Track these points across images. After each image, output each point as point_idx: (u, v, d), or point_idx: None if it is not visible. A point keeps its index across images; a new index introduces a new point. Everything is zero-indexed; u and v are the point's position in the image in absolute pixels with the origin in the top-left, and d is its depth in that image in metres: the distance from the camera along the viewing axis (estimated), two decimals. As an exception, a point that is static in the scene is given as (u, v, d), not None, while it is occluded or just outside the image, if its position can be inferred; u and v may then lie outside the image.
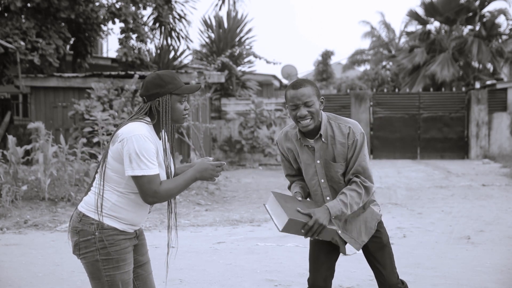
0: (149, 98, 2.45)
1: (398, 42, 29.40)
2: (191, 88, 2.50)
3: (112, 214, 2.44)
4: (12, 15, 12.92)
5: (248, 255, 5.46)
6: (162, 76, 2.45)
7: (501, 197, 9.13)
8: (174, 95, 2.46)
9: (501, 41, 23.36)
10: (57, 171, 8.36)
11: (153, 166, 2.36)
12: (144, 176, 2.35)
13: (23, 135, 13.16)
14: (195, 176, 2.46)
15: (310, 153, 2.83)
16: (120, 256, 2.44)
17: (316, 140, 2.81)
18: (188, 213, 7.90)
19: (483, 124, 16.42)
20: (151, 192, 2.37)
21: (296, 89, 2.74)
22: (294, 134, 2.88)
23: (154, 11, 15.83)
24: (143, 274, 2.64)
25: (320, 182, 2.83)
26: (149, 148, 2.36)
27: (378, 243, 2.90)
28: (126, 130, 2.39)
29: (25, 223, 6.93)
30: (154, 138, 2.45)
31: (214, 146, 15.30)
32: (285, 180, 12.54)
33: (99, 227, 2.41)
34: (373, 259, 2.92)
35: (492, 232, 6.47)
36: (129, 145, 2.35)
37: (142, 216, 2.54)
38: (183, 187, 2.45)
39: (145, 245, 2.67)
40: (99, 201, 2.42)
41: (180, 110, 2.49)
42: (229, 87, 15.98)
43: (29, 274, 4.80)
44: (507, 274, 4.74)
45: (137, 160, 2.34)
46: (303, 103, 2.71)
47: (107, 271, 2.42)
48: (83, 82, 12.51)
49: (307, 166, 2.86)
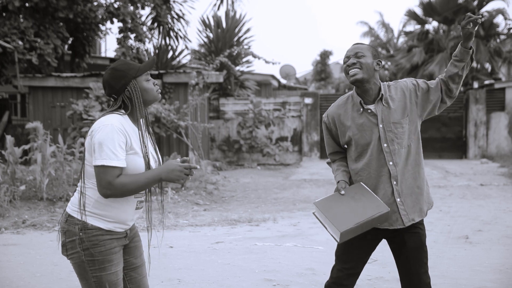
0: (118, 93, 2.44)
1: (397, 42, 29.43)
2: (149, 63, 2.48)
3: (96, 212, 2.39)
4: (10, 15, 12.91)
5: (246, 255, 5.46)
6: (119, 67, 2.44)
7: (499, 197, 9.14)
8: (139, 78, 2.45)
9: (499, 41, 23.39)
10: (55, 171, 8.35)
11: (114, 157, 2.30)
12: (102, 166, 2.29)
13: (21, 135, 13.14)
14: (160, 176, 2.35)
15: (370, 118, 2.82)
16: (105, 257, 2.39)
17: (377, 104, 2.82)
18: (186, 213, 7.90)
19: (481, 124, 16.43)
20: (105, 182, 2.29)
21: (353, 45, 2.86)
22: (350, 103, 2.88)
23: (152, 10, 15.83)
24: (137, 277, 2.58)
25: (383, 147, 2.79)
26: (114, 138, 2.31)
27: (418, 241, 2.82)
28: (97, 123, 2.38)
29: (23, 223, 6.92)
30: (129, 128, 2.41)
31: (212, 146, 15.30)
32: (283, 180, 12.54)
33: (83, 227, 2.38)
34: (407, 258, 2.80)
35: (490, 231, 6.48)
36: (95, 136, 2.33)
37: (128, 212, 2.46)
38: (143, 185, 2.35)
39: (139, 247, 2.61)
40: (82, 200, 2.39)
41: (151, 88, 2.48)
42: (227, 87, 15.97)
43: (27, 274, 4.79)
44: (505, 273, 4.75)
45: (99, 150, 2.30)
46: (354, 54, 2.80)
47: (93, 272, 2.38)
48: (81, 82, 12.50)
49: (363, 134, 2.82)
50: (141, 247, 2.63)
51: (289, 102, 15.65)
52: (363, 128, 2.82)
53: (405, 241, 2.81)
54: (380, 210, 2.68)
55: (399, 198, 2.79)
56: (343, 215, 2.68)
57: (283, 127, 15.52)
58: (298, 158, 15.56)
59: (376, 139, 2.80)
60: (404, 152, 2.81)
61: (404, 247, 2.81)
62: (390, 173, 2.79)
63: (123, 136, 2.35)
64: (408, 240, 2.81)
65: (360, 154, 2.84)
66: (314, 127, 15.99)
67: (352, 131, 2.84)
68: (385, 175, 2.80)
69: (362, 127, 2.82)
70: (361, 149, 2.83)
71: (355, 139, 2.84)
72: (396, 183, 2.79)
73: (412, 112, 2.84)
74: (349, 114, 2.86)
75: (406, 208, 2.80)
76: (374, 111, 2.81)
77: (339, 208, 2.71)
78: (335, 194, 2.81)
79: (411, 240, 2.81)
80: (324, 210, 2.72)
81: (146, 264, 2.65)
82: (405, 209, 2.79)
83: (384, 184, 2.80)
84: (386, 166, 2.79)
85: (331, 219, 2.67)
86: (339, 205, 2.73)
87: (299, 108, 15.65)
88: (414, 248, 2.81)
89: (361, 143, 2.83)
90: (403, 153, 2.80)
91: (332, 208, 2.72)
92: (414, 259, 2.80)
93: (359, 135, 2.83)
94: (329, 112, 2.95)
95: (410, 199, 2.81)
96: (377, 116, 2.81)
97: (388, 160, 2.79)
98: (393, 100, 2.83)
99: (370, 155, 2.81)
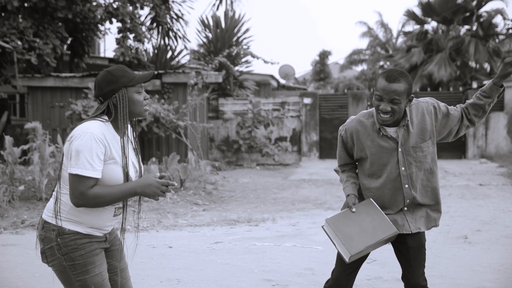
0: (105, 97, 2.37)
1: (396, 42, 29.45)
2: (145, 76, 2.41)
3: (72, 218, 2.35)
4: (9, 15, 12.90)
5: (245, 255, 5.46)
6: (113, 72, 2.37)
7: (498, 197, 9.15)
8: (130, 87, 2.38)
9: (498, 41, 23.41)
10: (54, 171, 8.35)
11: (89, 167, 2.24)
12: (76, 175, 2.24)
13: (20, 135, 13.13)
14: (135, 190, 2.30)
15: (389, 142, 2.79)
16: (86, 260, 2.34)
17: (399, 129, 2.78)
18: (185, 213, 7.90)
19: (480, 124, 16.44)
20: (78, 192, 2.24)
21: (389, 82, 2.66)
22: (371, 123, 2.83)
23: (151, 11, 15.82)
24: (121, 281, 2.54)
25: (401, 171, 2.78)
26: (91, 147, 2.26)
27: (418, 241, 2.86)
28: (77, 129, 2.32)
29: (22, 223, 6.91)
30: (110, 137, 2.35)
31: (211, 146, 15.30)
32: (283, 180, 12.51)
33: (60, 233, 2.33)
34: (408, 256, 2.85)
35: (489, 231, 6.48)
36: (73, 143, 2.28)
37: (105, 219, 2.41)
38: (119, 197, 2.30)
39: (120, 251, 2.57)
40: (56, 206, 2.34)
41: (139, 101, 2.40)
42: (226, 87, 15.97)
43: (26, 274, 4.79)
44: (504, 273, 4.75)
45: (75, 158, 2.25)
46: (389, 99, 2.67)
47: (76, 276, 2.34)
48: (80, 82, 12.49)
49: (381, 156, 2.80)
50: (123, 250, 2.59)
51: (288, 102, 15.65)
52: (382, 150, 2.80)
53: (407, 241, 2.85)
54: (389, 232, 2.74)
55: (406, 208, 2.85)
56: (353, 236, 2.73)
57: (282, 127, 15.52)
58: (297, 158, 15.56)
59: (395, 162, 2.79)
60: (422, 175, 2.82)
61: (406, 246, 2.86)
62: (404, 195, 2.82)
63: (102, 146, 2.29)
64: (410, 240, 2.85)
65: (375, 173, 2.84)
66: (313, 127, 15.99)
67: (370, 151, 2.82)
68: (399, 196, 2.82)
69: (381, 149, 2.80)
70: (377, 168, 2.83)
71: (371, 159, 2.83)
72: (409, 201, 2.83)
73: (433, 135, 2.83)
74: (369, 133, 2.83)
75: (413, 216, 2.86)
76: (394, 136, 2.79)
77: (350, 228, 2.75)
78: (346, 212, 2.82)
79: (412, 240, 2.85)
80: (335, 229, 2.76)
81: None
82: (412, 217, 2.85)
83: (398, 203, 2.84)
84: (401, 189, 2.81)
85: (343, 240, 2.73)
86: (350, 225, 2.77)
87: (298, 108, 15.65)
88: (416, 248, 2.85)
89: (377, 163, 2.82)
90: (421, 176, 2.81)
91: (343, 227, 2.76)
92: (414, 259, 2.85)
93: (376, 155, 2.81)
94: (348, 126, 2.89)
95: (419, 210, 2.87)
96: (397, 140, 2.78)
97: (404, 183, 2.80)
98: (413, 123, 2.80)
99: (386, 176, 2.81)
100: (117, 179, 2.35)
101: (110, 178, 2.33)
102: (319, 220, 7.29)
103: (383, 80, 2.67)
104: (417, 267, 2.85)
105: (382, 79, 2.69)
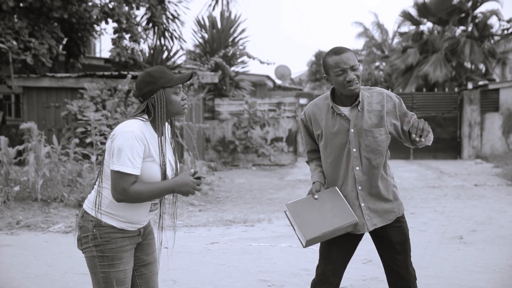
0: (144, 97, 2.47)
1: (391, 43, 29.51)
2: (183, 77, 2.48)
3: (110, 212, 2.45)
4: (4, 15, 12.85)
5: (241, 256, 5.46)
6: (152, 73, 2.46)
7: (493, 197, 9.18)
8: (168, 88, 2.46)
9: (493, 41, 23.49)
10: (49, 172, 8.32)
11: (130, 164, 2.35)
12: (118, 171, 2.35)
13: (16, 136, 13.08)
14: (173, 188, 2.44)
15: (342, 122, 2.81)
16: (115, 254, 2.45)
17: (352, 109, 2.80)
18: (181, 213, 7.89)
19: (476, 124, 16.50)
20: (120, 188, 2.35)
21: (339, 54, 2.72)
22: (326, 104, 2.87)
23: (147, 11, 15.79)
24: (147, 273, 2.63)
25: (352, 152, 2.80)
26: (133, 145, 2.36)
27: (401, 235, 2.86)
28: (119, 127, 2.42)
29: (18, 224, 6.89)
30: (149, 136, 2.44)
31: (207, 147, 15.29)
32: (278, 181, 12.52)
33: (97, 224, 2.44)
34: (393, 251, 2.84)
35: (484, 232, 6.50)
36: (116, 141, 2.38)
37: (141, 214, 2.52)
38: (157, 194, 2.43)
39: (152, 245, 2.67)
40: (97, 199, 2.45)
41: (177, 101, 2.48)
42: (222, 87, 15.97)
43: (21, 275, 4.77)
44: (499, 273, 4.77)
45: (117, 155, 2.35)
46: (350, 67, 2.71)
47: (102, 268, 2.45)
48: (76, 82, 12.46)
49: (334, 136, 2.82)
50: (154, 244, 2.69)
51: (284, 103, 15.67)
52: (334, 130, 2.83)
53: (390, 237, 2.85)
54: (348, 220, 2.73)
55: (363, 203, 2.83)
56: (311, 222, 2.74)
57: (278, 128, 15.53)
58: (293, 159, 15.57)
59: (346, 143, 2.81)
60: (373, 159, 2.81)
61: (389, 242, 2.85)
62: (356, 178, 2.81)
63: (142, 144, 2.39)
64: (393, 235, 2.85)
65: (330, 155, 2.87)
66: (309, 128, 15.99)
67: (324, 131, 2.86)
68: (350, 179, 2.83)
69: (334, 129, 2.83)
70: (331, 150, 2.85)
71: (325, 140, 2.86)
72: (361, 188, 2.82)
73: (387, 124, 2.82)
74: (324, 114, 2.87)
75: (370, 213, 2.83)
76: (348, 116, 2.81)
77: (309, 213, 2.76)
78: (308, 198, 2.85)
79: (395, 235, 2.85)
80: (294, 214, 2.78)
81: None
82: (369, 214, 2.83)
83: (348, 187, 2.84)
84: (352, 170, 2.82)
85: (300, 225, 2.74)
86: (310, 210, 2.78)
87: (294, 108, 15.67)
88: (400, 242, 2.85)
89: (331, 143, 2.85)
90: (372, 159, 2.81)
91: (302, 213, 2.77)
92: (401, 253, 2.85)
93: (330, 136, 2.84)
94: (306, 109, 2.96)
95: (374, 204, 2.84)
96: (349, 121, 2.81)
97: (355, 165, 2.81)
98: (369, 107, 2.81)
99: (338, 156, 2.84)
100: (154, 176, 2.45)
101: (148, 175, 2.43)
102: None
103: (333, 55, 2.74)
104: (405, 262, 2.85)
105: (331, 56, 2.74)
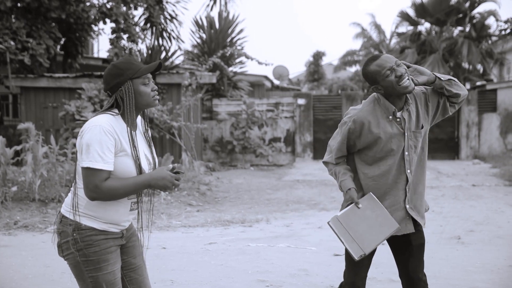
0: (112, 90, 2.39)
1: (389, 43, 29.52)
2: (150, 67, 2.39)
3: (88, 213, 2.36)
4: (2, 15, 12.82)
5: (239, 256, 5.46)
6: (118, 65, 2.38)
7: (491, 197, 9.19)
8: (135, 79, 2.38)
9: (491, 42, 23.52)
10: (47, 172, 8.31)
11: (100, 159, 2.26)
12: (88, 168, 2.26)
13: (13, 136, 13.05)
14: (149, 183, 2.32)
15: (397, 127, 2.81)
16: (100, 257, 2.36)
17: (403, 113, 2.81)
18: (179, 213, 7.88)
19: (473, 124, 16.52)
20: (92, 186, 2.26)
21: (378, 58, 2.74)
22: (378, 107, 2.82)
23: (145, 11, 15.78)
24: (137, 278, 2.54)
25: (405, 155, 2.81)
26: (101, 140, 2.27)
27: (420, 238, 2.91)
28: (87, 123, 2.35)
29: (15, 224, 6.88)
30: (119, 129, 2.36)
31: (205, 147, 15.28)
32: (276, 181, 12.51)
33: (76, 228, 2.35)
34: (410, 253, 2.88)
35: (482, 232, 6.51)
36: (84, 137, 2.31)
37: (121, 213, 2.42)
38: (133, 189, 2.32)
39: (137, 247, 2.57)
40: (74, 200, 2.36)
41: (147, 92, 2.40)
42: (220, 87, 15.96)
43: (19, 275, 4.76)
44: (496, 273, 4.77)
45: (86, 151, 2.28)
46: (394, 63, 2.70)
47: (89, 273, 2.36)
48: (74, 82, 12.44)
49: (390, 140, 2.79)
50: (139, 247, 2.59)
51: (282, 103, 15.67)
52: (391, 135, 2.81)
53: (410, 239, 2.89)
54: (393, 228, 2.79)
55: (409, 205, 2.86)
56: (364, 234, 2.76)
57: (276, 128, 15.53)
58: (291, 159, 15.57)
59: (401, 147, 2.81)
60: (417, 160, 2.86)
61: (409, 245, 2.89)
62: (408, 180, 2.84)
63: (112, 138, 2.31)
64: (413, 238, 2.90)
65: (379, 160, 2.84)
66: (307, 128, 16.01)
67: (379, 137, 2.81)
68: (401, 182, 2.85)
69: (390, 135, 2.81)
70: (382, 155, 2.83)
71: (379, 146, 2.82)
72: (409, 190, 2.86)
73: (425, 120, 2.87)
74: (379, 121, 2.82)
75: (413, 212, 2.88)
76: (401, 119, 2.81)
77: (359, 225, 2.78)
78: (352, 208, 2.82)
79: (415, 238, 2.90)
80: (346, 226, 2.78)
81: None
82: (417, 214, 2.88)
83: (399, 191, 2.85)
84: (404, 173, 2.84)
85: (355, 238, 2.75)
86: (358, 222, 2.79)
87: (292, 109, 15.67)
88: (418, 245, 2.90)
89: (384, 149, 2.82)
90: (416, 161, 2.86)
91: (353, 225, 2.78)
92: (417, 257, 2.90)
93: (384, 142, 2.81)
94: (357, 117, 2.82)
95: (418, 204, 2.90)
96: (403, 125, 2.81)
97: (407, 168, 2.83)
98: (411, 108, 2.84)
99: (392, 162, 2.82)
100: (129, 171, 2.36)
101: (122, 170, 2.34)
102: (313, 221, 7.30)
103: (374, 61, 2.75)
104: (419, 263, 2.90)
105: (372, 63, 2.75)
